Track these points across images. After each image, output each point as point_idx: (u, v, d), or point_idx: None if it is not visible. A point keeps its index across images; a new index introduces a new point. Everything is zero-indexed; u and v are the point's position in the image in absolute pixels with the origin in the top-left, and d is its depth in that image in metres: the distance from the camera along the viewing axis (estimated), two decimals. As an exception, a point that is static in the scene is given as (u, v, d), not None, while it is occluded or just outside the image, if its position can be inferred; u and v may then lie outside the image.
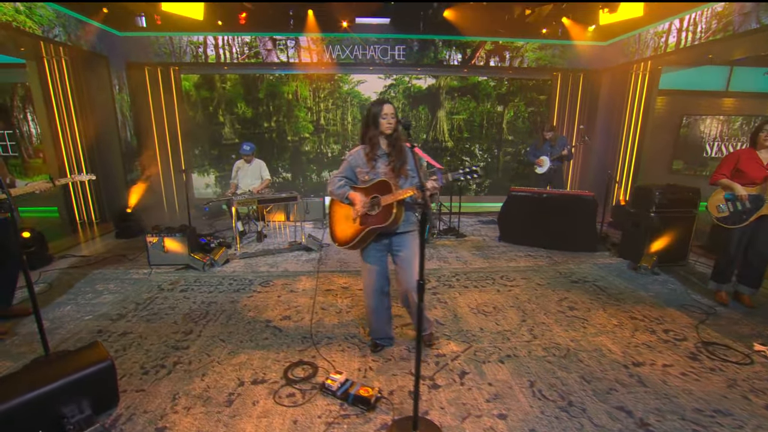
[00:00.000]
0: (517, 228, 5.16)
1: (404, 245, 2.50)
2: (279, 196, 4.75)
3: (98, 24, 5.95)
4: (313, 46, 6.60)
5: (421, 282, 1.79)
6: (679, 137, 7.24)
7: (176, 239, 4.26)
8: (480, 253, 4.84)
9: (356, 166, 2.44)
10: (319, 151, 7.44)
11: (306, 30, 6.36)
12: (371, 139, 2.39)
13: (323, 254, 4.82)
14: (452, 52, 6.73)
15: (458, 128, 7.49)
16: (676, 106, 7.12)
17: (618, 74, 6.49)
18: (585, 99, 7.03)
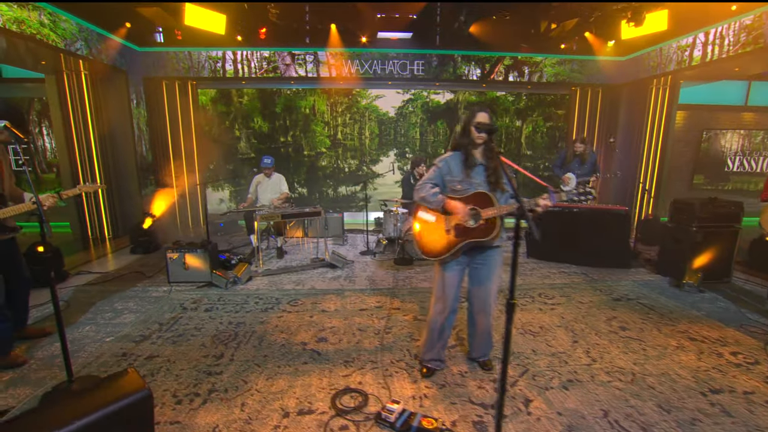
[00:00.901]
0: (546, 243, 4.97)
1: (488, 261, 2.35)
2: (303, 211, 4.57)
3: (119, 39, 5.91)
4: (332, 61, 6.57)
5: (512, 302, 1.59)
6: (699, 152, 7.14)
7: (197, 255, 4.07)
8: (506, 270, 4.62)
9: (448, 173, 2.27)
10: (335, 166, 7.32)
11: (328, 45, 6.33)
12: (466, 147, 2.23)
13: (349, 272, 4.61)
14: (471, 67, 6.69)
15: None
16: (696, 121, 7.04)
17: (637, 89, 6.44)
18: (604, 114, 6.96)
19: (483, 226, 2.20)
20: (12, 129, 2.12)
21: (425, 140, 7.36)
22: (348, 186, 7.46)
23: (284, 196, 5.15)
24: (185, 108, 6.79)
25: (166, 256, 4.05)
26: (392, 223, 5.39)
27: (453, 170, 2.26)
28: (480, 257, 2.34)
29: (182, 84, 6.69)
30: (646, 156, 6.44)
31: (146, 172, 6.65)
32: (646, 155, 6.44)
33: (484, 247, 2.30)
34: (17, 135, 2.10)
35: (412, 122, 7.27)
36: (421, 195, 2.27)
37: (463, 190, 2.23)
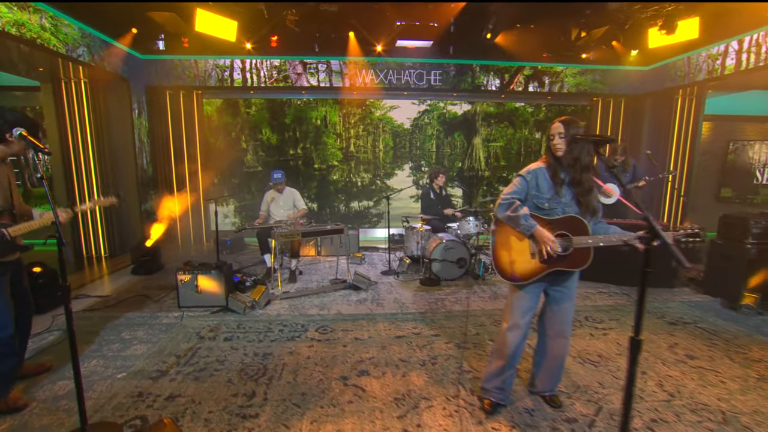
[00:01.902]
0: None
1: (569, 283, 2.18)
2: (324, 228, 4.35)
3: (123, 46, 5.76)
4: (346, 70, 6.49)
5: (638, 339, 1.38)
6: (726, 164, 7.10)
7: (211, 277, 3.82)
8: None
9: (535, 188, 2.08)
10: (347, 179, 7.18)
11: (343, 53, 6.24)
12: (551, 162, 2.08)
13: (374, 294, 4.38)
14: (490, 77, 6.64)
15: (495, 156, 7.31)
16: (722, 132, 7.02)
17: (662, 99, 6.40)
18: (627, 125, 6.91)
19: (574, 254, 2.03)
20: (29, 138, 1.93)
21: (442, 153, 7.26)
22: (361, 201, 7.27)
23: (302, 212, 4.94)
24: (189, 118, 6.62)
25: (177, 278, 3.78)
26: (415, 241, 5.22)
27: (541, 185, 2.08)
28: (561, 279, 2.16)
29: (187, 93, 6.55)
30: (672, 169, 6.36)
31: (147, 186, 6.42)
32: (672, 168, 6.36)
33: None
34: (35, 144, 1.90)
35: (428, 134, 7.18)
36: (508, 214, 2.07)
37: (550, 210, 2.06)
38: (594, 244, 1.99)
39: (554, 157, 2.06)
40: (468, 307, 3.94)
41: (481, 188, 7.30)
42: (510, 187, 2.14)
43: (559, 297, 2.19)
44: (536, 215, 2.08)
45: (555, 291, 2.19)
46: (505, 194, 2.12)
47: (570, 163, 2.02)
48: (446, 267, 4.73)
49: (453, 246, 4.72)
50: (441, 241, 4.72)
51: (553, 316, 2.22)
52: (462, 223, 5.07)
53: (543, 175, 2.08)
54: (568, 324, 2.21)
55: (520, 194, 2.09)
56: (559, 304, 2.19)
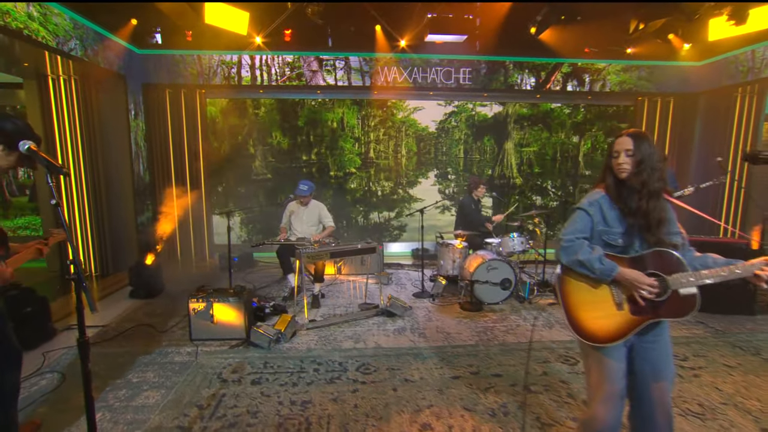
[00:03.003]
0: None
1: (662, 334, 1.81)
2: (356, 248, 4.05)
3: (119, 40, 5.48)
4: (366, 68, 6.28)
5: None
6: (784, 171, 6.85)
7: (230, 305, 3.49)
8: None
9: (601, 222, 1.76)
10: (367, 188, 6.95)
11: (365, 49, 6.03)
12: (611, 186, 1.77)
13: (412, 321, 4.06)
14: (524, 75, 6.44)
15: (528, 162, 7.08)
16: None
17: (719, 98, 6.15)
18: (676, 127, 6.68)
19: (673, 300, 1.70)
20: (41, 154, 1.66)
21: (470, 159, 7.04)
22: (381, 212, 7.02)
23: (330, 232, 4.64)
24: (191, 120, 6.36)
25: (189, 307, 3.45)
26: (450, 259, 4.93)
27: (608, 217, 1.77)
28: (651, 332, 1.80)
29: (189, 92, 6.28)
30: (730, 175, 6.11)
31: (143, 196, 6.14)
32: (730, 174, 6.10)
33: None
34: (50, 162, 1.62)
35: (455, 138, 6.96)
36: (578, 258, 1.73)
37: (626, 247, 1.75)
38: (699, 282, 1.66)
39: (616, 179, 1.76)
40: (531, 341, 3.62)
41: (513, 197, 7.02)
42: (569, 224, 1.81)
43: (655, 357, 1.79)
44: (611, 255, 1.76)
45: (645, 348, 1.80)
46: (567, 234, 1.79)
47: (637, 188, 1.71)
48: (489, 289, 4.45)
49: (497, 265, 4.44)
50: (483, 260, 4.43)
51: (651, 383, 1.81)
52: (504, 239, 4.82)
53: (607, 204, 1.77)
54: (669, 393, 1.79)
55: (584, 232, 1.77)
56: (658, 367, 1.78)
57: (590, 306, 1.78)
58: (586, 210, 1.78)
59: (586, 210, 1.78)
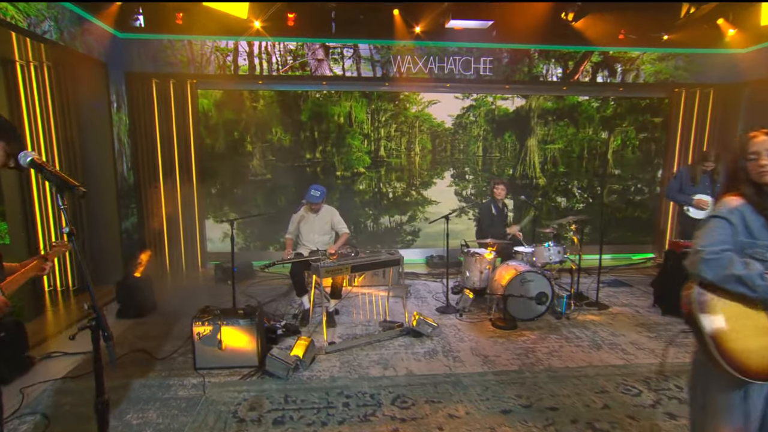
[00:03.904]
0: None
1: None
2: (379, 260, 3.87)
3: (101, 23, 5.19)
4: (378, 56, 6.07)
5: None
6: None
7: (240, 328, 3.26)
8: (656, 336, 4.00)
9: (743, 232, 1.57)
10: (377, 190, 6.80)
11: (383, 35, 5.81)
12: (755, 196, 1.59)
13: (442, 341, 3.88)
14: (551, 66, 6.28)
15: (552, 161, 6.96)
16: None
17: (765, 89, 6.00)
18: (715, 122, 6.56)
19: None
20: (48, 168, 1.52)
21: (489, 157, 6.90)
22: (393, 216, 6.86)
23: (344, 240, 4.45)
24: (181, 114, 6.10)
25: (193, 331, 3.20)
26: (477, 270, 4.76)
27: (752, 228, 1.59)
28: None
29: (178, 82, 6.04)
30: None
31: (127, 198, 5.85)
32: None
33: None
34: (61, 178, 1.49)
35: (474, 135, 6.82)
36: (734, 273, 1.52)
37: None
38: None
39: (755, 185, 1.59)
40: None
41: (536, 199, 6.88)
42: (708, 234, 1.61)
43: None
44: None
45: None
46: (708, 245, 1.58)
47: None
48: (522, 304, 4.29)
49: (532, 278, 4.28)
50: (516, 272, 4.27)
51: None
52: (539, 249, 4.67)
53: (749, 213, 1.59)
54: None
55: (729, 243, 1.58)
56: None
57: (743, 332, 1.57)
58: (728, 218, 1.58)
59: (728, 218, 1.58)
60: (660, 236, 6.95)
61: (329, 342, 3.73)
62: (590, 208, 7.04)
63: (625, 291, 5.36)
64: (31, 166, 1.53)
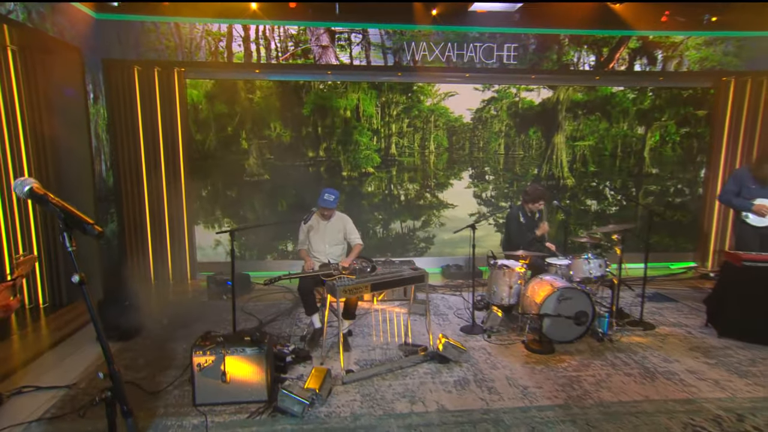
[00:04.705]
0: (749, 316, 4.26)
1: None
2: (402, 277, 3.78)
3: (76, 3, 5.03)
4: (389, 43, 6.03)
5: None
6: None
7: (248, 358, 3.11)
8: (716, 363, 3.87)
9: None
10: (387, 192, 6.76)
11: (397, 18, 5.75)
12: None
13: (473, 368, 3.75)
14: (582, 53, 6.23)
15: (582, 159, 6.90)
16: None
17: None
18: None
19: None
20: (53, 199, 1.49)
21: (512, 155, 6.87)
22: (405, 221, 6.78)
23: (358, 251, 4.38)
24: (167, 106, 6.03)
25: (193, 361, 3.04)
26: (506, 285, 4.64)
27: None
28: None
29: (164, 71, 5.95)
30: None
31: (106, 202, 5.77)
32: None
33: None
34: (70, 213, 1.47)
35: (495, 130, 6.79)
36: None
37: None
38: None
39: None
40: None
41: (564, 201, 6.81)
42: None
43: None
44: None
45: None
46: None
47: None
48: (558, 324, 4.18)
49: (570, 295, 4.16)
50: (552, 288, 4.14)
51: None
52: (577, 261, 4.57)
53: None
54: None
55: None
56: None
57: None
58: None
59: None
60: (703, 243, 6.89)
61: (346, 370, 3.58)
62: (623, 212, 7.00)
63: (670, 307, 5.26)
64: (30, 198, 1.45)
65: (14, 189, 1.50)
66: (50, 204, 1.45)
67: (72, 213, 1.45)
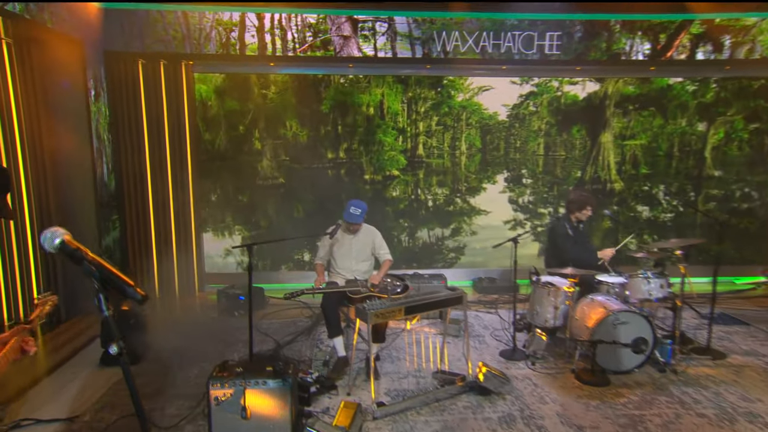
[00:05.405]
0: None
1: None
2: (438, 299, 3.72)
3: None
4: (417, 32, 6.07)
5: None
6: None
7: (270, 392, 3.06)
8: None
9: None
10: (414, 197, 6.76)
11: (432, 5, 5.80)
12: None
13: (518, 402, 3.65)
14: (636, 41, 6.19)
15: (632, 160, 6.81)
16: None
17: None
18: None
19: None
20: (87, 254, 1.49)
21: (552, 157, 6.83)
22: (433, 229, 6.75)
23: (387, 268, 4.38)
24: (174, 103, 6.07)
25: (209, 394, 2.99)
26: (551, 305, 4.54)
27: None
28: None
29: (170, 64, 5.99)
30: None
31: (107, 208, 5.87)
32: None
33: None
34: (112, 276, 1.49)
35: (534, 129, 6.76)
36: None
37: None
38: None
39: None
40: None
41: (611, 207, 6.73)
42: None
43: None
44: None
45: None
46: None
47: None
48: (614, 352, 4.06)
49: (627, 319, 4.03)
50: (606, 311, 4.04)
51: None
52: (634, 280, 4.42)
53: None
54: None
55: None
56: None
57: None
58: None
59: None
60: (775, 255, 6.74)
61: (377, 403, 3.50)
62: (680, 219, 6.85)
63: (741, 331, 5.06)
64: (61, 253, 1.41)
65: (42, 242, 1.47)
66: (85, 261, 1.43)
67: (110, 273, 1.45)
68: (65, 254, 1.45)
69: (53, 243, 1.45)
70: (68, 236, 1.47)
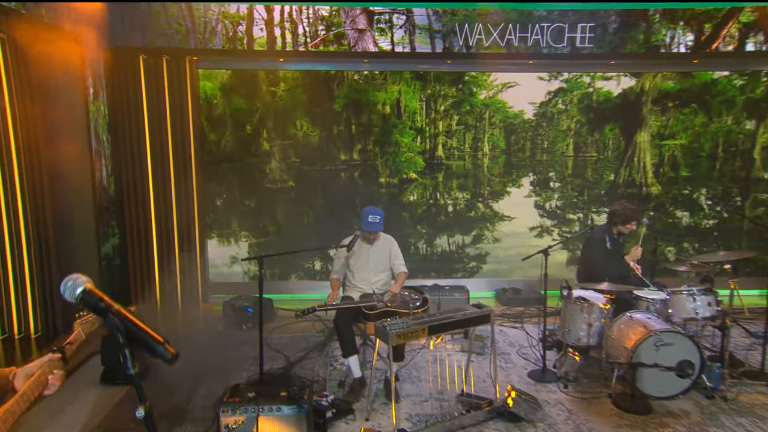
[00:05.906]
0: None
1: None
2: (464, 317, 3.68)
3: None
4: (437, 25, 6.05)
5: None
6: None
7: (284, 419, 3.10)
8: None
9: None
10: (432, 201, 6.77)
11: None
12: None
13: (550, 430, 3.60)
14: (677, 31, 6.12)
15: (671, 161, 6.74)
16: None
17: None
18: None
19: None
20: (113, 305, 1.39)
21: (582, 159, 6.80)
22: (453, 236, 6.75)
23: (403, 280, 4.36)
24: (177, 101, 6.09)
25: (220, 421, 2.99)
26: (585, 323, 4.50)
27: None
28: None
29: (173, 60, 6.03)
30: None
31: (107, 213, 5.93)
32: None
33: None
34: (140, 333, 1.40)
35: (563, 128, 6.73)
36: None
37: None
38: None
39: None
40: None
41: (647, 213, 6.66)
42: None
43: None
44: None
45: None
46: None
47: None
48: (655, 375, 3.97)
49: (671, 340, 3.94)
50: (646, 330, 3.99)
51: None
52: (677, 297, 4.33)
53: None
54: None
55: None
56: None
57: None
58: None
59: None
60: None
61: (398, 430, 3.48)
62: (724, 226, 6.77)
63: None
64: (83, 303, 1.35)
65: (62, 292, 1.41)
66: (110, 314, 1.36)
67: (138, 328, 1.38)
68: (87, 305, 1.41)
69: (74, 293, 1.40)
70: (90, 284, 1.42)
